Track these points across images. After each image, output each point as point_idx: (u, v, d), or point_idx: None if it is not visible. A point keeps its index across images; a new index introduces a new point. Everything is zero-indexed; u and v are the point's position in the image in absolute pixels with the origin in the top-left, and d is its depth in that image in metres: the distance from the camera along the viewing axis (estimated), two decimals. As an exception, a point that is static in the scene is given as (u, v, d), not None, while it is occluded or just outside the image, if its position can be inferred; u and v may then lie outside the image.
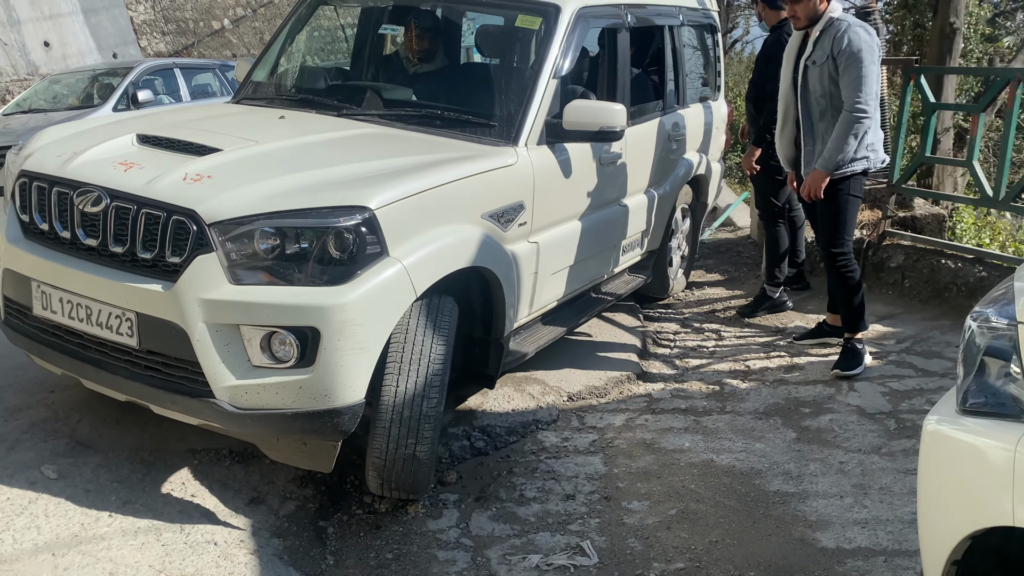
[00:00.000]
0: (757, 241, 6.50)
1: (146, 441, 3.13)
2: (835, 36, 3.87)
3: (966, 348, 1.84)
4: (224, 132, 3.16)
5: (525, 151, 3.42)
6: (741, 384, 4.20)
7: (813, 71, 3.99)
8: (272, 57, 4.21)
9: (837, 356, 4.26)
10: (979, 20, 11.67)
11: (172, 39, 13.54)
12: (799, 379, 4.22)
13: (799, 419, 3.78)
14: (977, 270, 5.00)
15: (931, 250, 5.33)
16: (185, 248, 2.60)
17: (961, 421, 1.76)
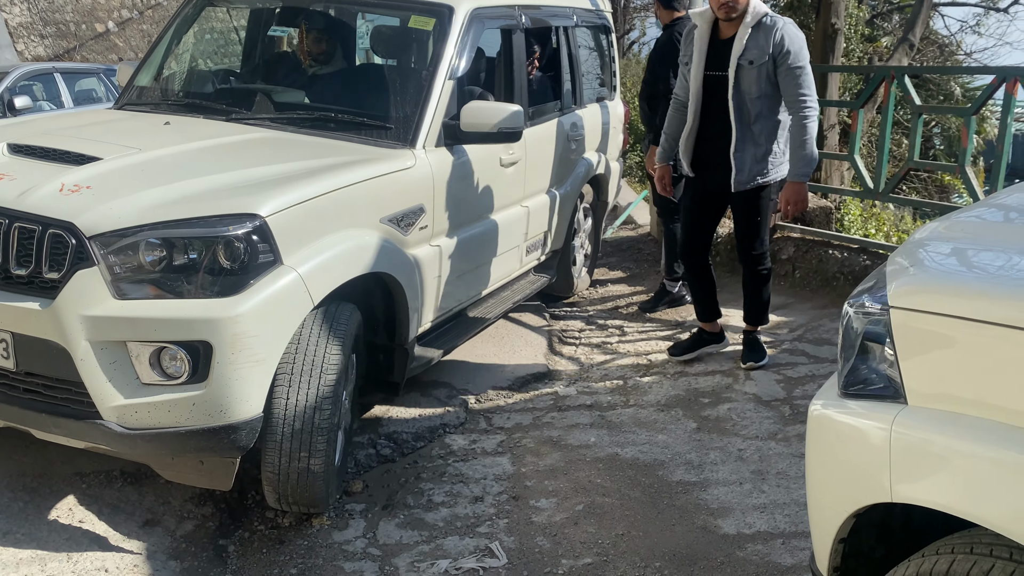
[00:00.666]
0: (657, 238, 6.61)
1: (28, 466, 2.96)
2: (773, 35, 3.68)
3: (844, 334, 1.90)
4: (104, 140, 3.02)
5: (423, 153, 3.39)
6: (643, 378, 4.28)
7: (749, 71, 3.73)
8: (157, 60, 4.05)
9: (737, 349, 4.39)
10: (859, 21, 12.26)
11: (52, 42, 12.86)
12: (699, 370, 4.33)
13: (699, 409, 3.88)
14: (862, 259, 5.23)
15: (819, 241, 5.55)
16: (64, 263, 2.46)
17: (842, 404, 1.82)
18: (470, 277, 3.94)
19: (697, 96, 3.89)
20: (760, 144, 3.82)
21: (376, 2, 3.93)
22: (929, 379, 1.63)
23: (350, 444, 3.30)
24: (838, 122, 7.94)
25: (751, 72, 3.72)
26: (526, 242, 4.52)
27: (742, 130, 3.81)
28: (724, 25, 3.79)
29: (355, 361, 3.11)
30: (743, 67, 3.73)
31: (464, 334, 3.98)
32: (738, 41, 3.72)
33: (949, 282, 1.74)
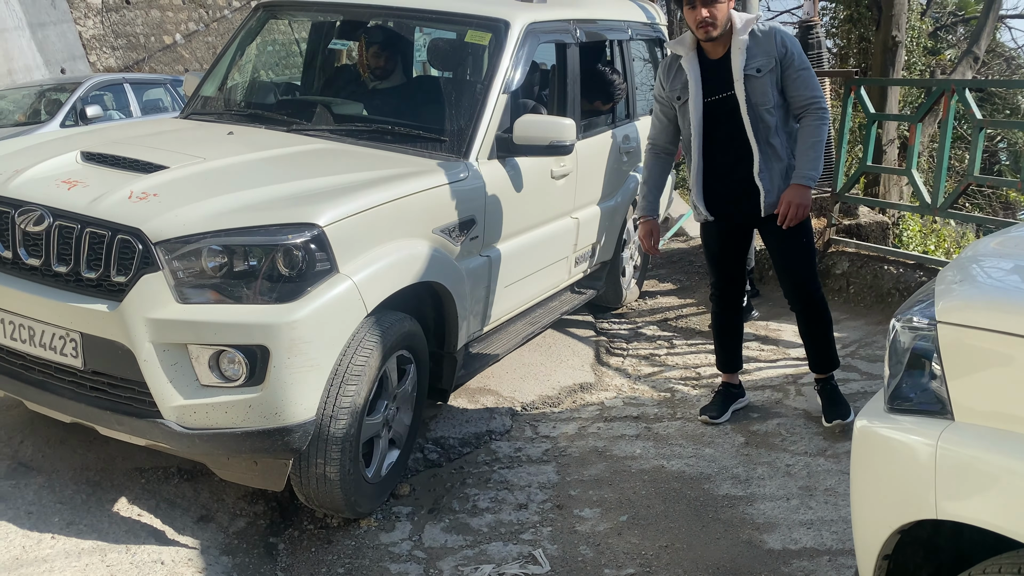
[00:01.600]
0: None
1: (91, 461, 3.09)
2: (774, 39, 3.45)
3: (891, 349, 1.90)
4: (171, 149, 3.14)
5: (476, 165, 3.45)
6: (692, 391, 4.26)
7: (759, 81, 3.44)
8: (221, 72, 4.19)
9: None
10: (921, 34, 12.01)
11: (123, 54, 13.35)
12: (747, 384, 4.27)
13: (747, 424, 3.85)
14: (918, 275, 5.15)
15: (874, 257, 5.46)
16: (131, 267, 2.58)
17: (888, 419, 1.82)
18: (519, 287, 3.98)
19: (699, 128, 3.54)
20: (782, 158, 3.53)
21: (434, 17, 4.00)
22: (977, 395, 1.63)
23: (410, 451, 3.33)
24: (897, 136, 7.80)
25: (761, 81, 3.44)
26: (575, 253, 4.54)
27: (763, 147, 3.50)
28: (710, 46, 3.50)
29: (414, 370, 3.17)
30: (752, 78, 3.44)
31: (512, 343, 4.02)
32: (738, 53, 3.44)
33: (999, 298, 1.73)
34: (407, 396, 3.19)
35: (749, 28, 3.46)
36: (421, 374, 3.24)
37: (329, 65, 4.53)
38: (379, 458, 3.07)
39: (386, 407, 3.04)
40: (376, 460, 3.05)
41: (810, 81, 3.49)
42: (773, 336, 5.02)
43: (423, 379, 3.27)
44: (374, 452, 3.05)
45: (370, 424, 2.94)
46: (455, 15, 3.84)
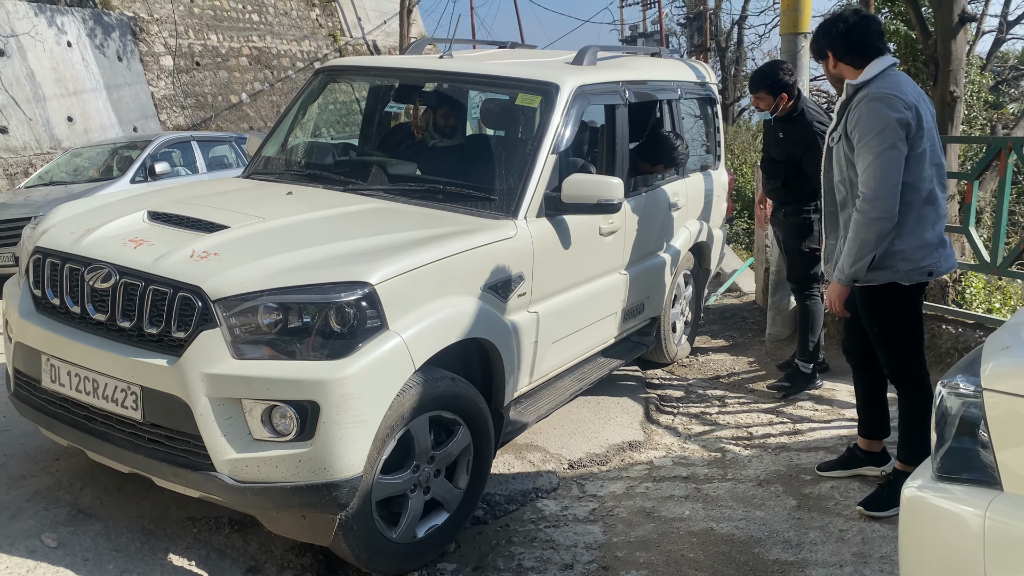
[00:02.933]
0: (761, 307, 6.49)
1: (146, 509, 3.17)
2: (852, 108, 3.19)
3: (938, 414, 1.87)
4: (232, 209, 3.27)
5: (524, 224, 3.51)
6: (743, 451, 4.19)
7: (835, 150, 3.30)
8: (282, 133, 4.37)
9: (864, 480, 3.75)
10: (982, 88, 11.83)
11: (191, 112, 13.99)
12: (801, 445, 4.21)
13: (800, 486, 3.76)
14: (978, 335, 4.99)
15: (933, 315, 5.31)
16: (190, 324, 2.68)
17: (936, 487, 1.78)
18: (566, 343, 3.99)
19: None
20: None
21: (488, 81, 4.12)
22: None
23: (464, 515, 3.29)
24: (957, 191, 7.64)
25: (836, 151, 3.34)
26: (624, 309, 4.55)
27: (832, 218, 3.43)
28: None
29: (465, 432, 3.15)
30: (832, 146, 3.37)
31: (560, 400, 4.02)
32: (834, 116, 3.41)
33: None
34: (449, 457, 3.14)
35: (850, 91, 3.24)
36: (477, 436, 3.20)
37: (384, 126, 4.68)
38: (408, 519, 3.01)
39: (416, 468, 2.99)
40: (405, 520, 3.00)
41: (867, 171, 3.11)
42: (828, 396, 4.91)
43: (481, 441, 3.22)
44: (403, 512, 3.01)
45: (386, 483, 2.88)
46: (508, 79, 3.95)
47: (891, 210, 3.07)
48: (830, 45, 3.26)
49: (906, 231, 3.13)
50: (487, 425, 3.23)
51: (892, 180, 3.05)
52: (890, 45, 10.98)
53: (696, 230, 5.31)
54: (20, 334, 3.07)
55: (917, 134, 3.11)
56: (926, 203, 3.16)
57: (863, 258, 3.14)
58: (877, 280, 3.21)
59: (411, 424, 2.91)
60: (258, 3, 16.42)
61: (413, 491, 3.02)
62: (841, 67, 3.26)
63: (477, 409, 3.17)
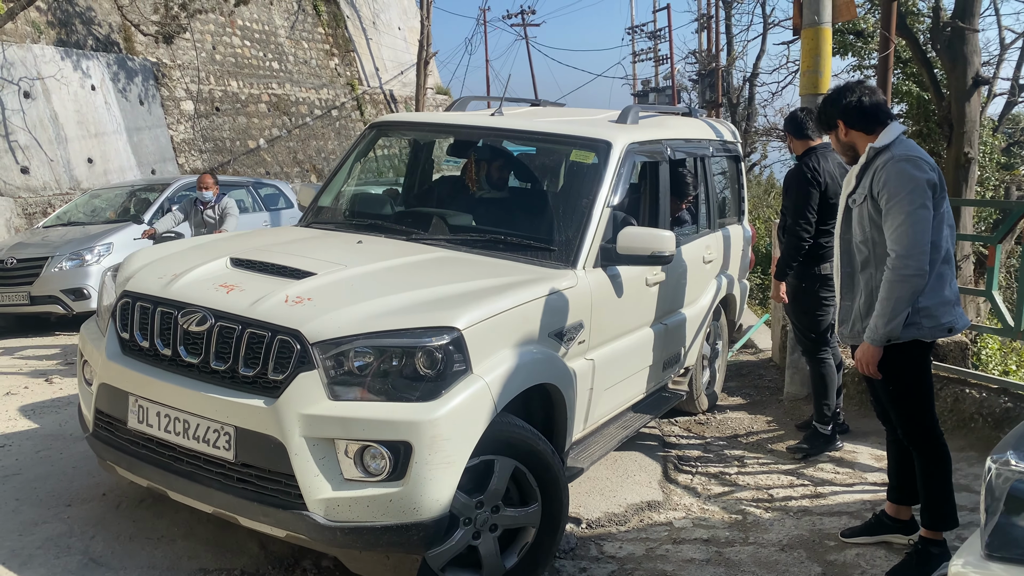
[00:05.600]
0: (779, 364, 6.51)
1: (158, 559, 3.16)
2: (876, 170, 3.25)
3: (987, 490, 1.81)
4: (312, 256, 3.39)
5: (584, 274, 3.65)
6: (764, 514, 4.11)
7: (855, 212, 3.36)
8: (338, 184, 4.52)
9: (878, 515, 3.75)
10: (994, 149, 12.05)
11: (209, 156, 14.18)
12: (823, 509, 4.13)
13: (824, 552, 3.65)
14: (1003, 400, 4.92)
15: (955, 379, 5.25)
16: (288, 366, 2.78)
17: (986, 567, 1.73)
18: (616, 390, 4.11)
19: (837, 237, 3.58)
20: (867, 296, 3.39)
21: (544, 138, 4.30)
22: None
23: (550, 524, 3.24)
24: (972, 252, 7.80)
25: (856, 212, 3.39)
26: (664, 359, 4.68)
27: (849, 278, 3.48)
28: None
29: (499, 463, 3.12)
30: (851, 207, 3.41)
31: (608, 446, 4.11)
32: (852, 177, 3.43)
33: None
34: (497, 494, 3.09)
35: (871, 153, 3.32)
36: (544, 486, 3.19)
37: (440, 178, 4.84)
38: (489, 562, 3.05)
39: (467, 521, 3.00)
40: (487, 564, 3.05)
41: (898, 230, 3.15)
42: (849, 458, 4.84)
43: (547, 494, 3.20)
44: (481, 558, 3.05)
45: (441, 550, 2.93)
46: (564, 137, 4.13)
47: (924, 267, 3.13)
48: (841, 115, 3.36)
49: (928, 289, 3.19)
50: (527, 440, 3.16)
51: (924, 238, 3.13)
52: (903, 106, 11.27)
53: (726, 283, 5.47)
54: (106, 375, 3.15)
55: (940, 195, 3.22)
56: (944, 262, 3.25)
57: (898, 316, 3.17)
58: (902, 338, 3.24)
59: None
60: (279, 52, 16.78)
61: (477, 538, 3.06)
62: (853, 135, 3.37)
63: (509, 434, 3.12)
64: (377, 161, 4.75)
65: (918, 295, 3.17)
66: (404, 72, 20.95)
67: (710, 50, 22.76)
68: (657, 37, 30.82)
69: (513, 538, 3.20)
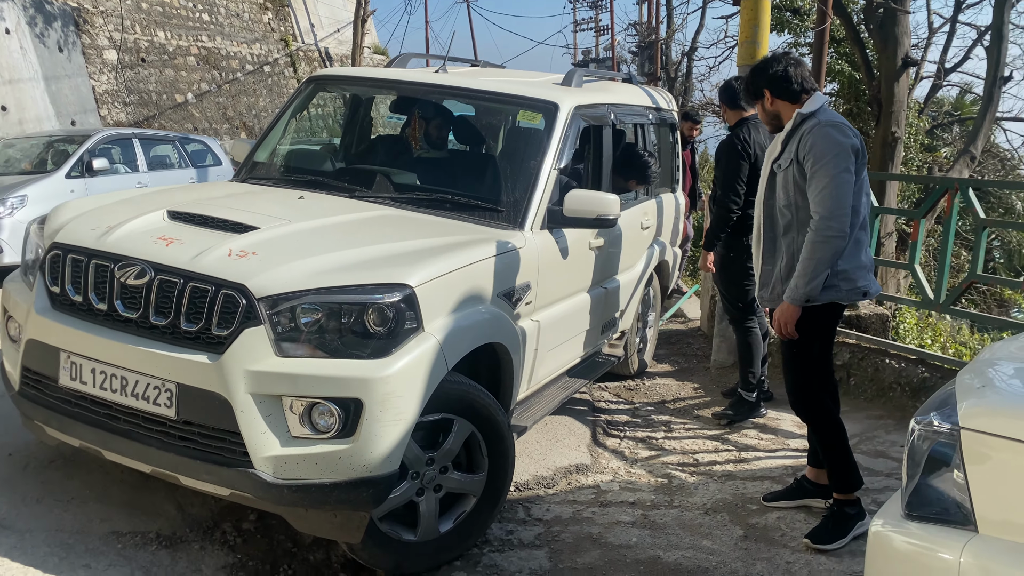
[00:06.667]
0: (707, 333, 6.63)
1: (67, 522, 3.03)
2: (802, 135, 3.31)
3: (910, 452, 1.82)
4: (253, 211, 3.29)
5: (531, 235, 3.65)
6: (689, 478, 4.17)
7: (779, 177, 3.41)
8: (273, 140, 4.38)
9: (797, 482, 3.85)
10: (919, 131, 12.43)
11: (134, 110, 13.54)
12: (746, 474, 4.21)
13: (746, 516, 3.71)
14: (920, 371, 5.12)
15: (875, 349, 5.42)
16: (233, 321, 2.70)
17: (905, 526, 1.73)
18: (559, 351, 4.15)
19: (759, 203, 3.62)
20: (789, 261, 3.43)
21: (490, 97, 4.25)
22: (1003, 507, 1.56)
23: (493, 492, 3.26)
24: (895, 230, 8.08)
25: (780, 177, 3.43)
26: (603, 322, 4.74)
27: (771, 242, 3.52)
28: None
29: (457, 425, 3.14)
30: (775, 172, 3.45)
31: (549, 407, 4.16)
32: (778, 143, 3.48)
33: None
34: (450, 454, 3.11)
35: (798, 118, 3.36)
36: (481, 424, 3.17)
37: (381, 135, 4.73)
38: (425, 521, 3.06)
39: (415, 475, 3.00)
40: (423, 523, 3.06)
41: (822, 193, 3.21)
42: (772, 425, 4.95)
43: (487, 427, 3.19)
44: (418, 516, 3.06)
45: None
46: (511, 97, 4.10)
47: (846, 229, 3.21)
48: (767, 84, 3.41)
49: (847, 253, 3.28)
50: (489, 408, 3.18)
51: (847, 201, 3.21)
52: (834, 85, 11.54)
53: (660, 249, 5.55)
54: (35, 331, 3.00)
55: (861, 162, 3.32)
56: (861, 228, 3.34)
57: (818, 276, 3.23)
58: (820, 300, 3.32)
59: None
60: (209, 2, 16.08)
61: (420, 495, 3.06)
62: (778, 104, 3.42)
63: (472, 399, 3.14)
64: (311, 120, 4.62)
65: (838, 257, 3.24)
66: (340, 30, 20.35)
67: (650, 22, 22.87)
68: (599, 7, 30.80)
69: (452, 504, 3.21)
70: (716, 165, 4.94)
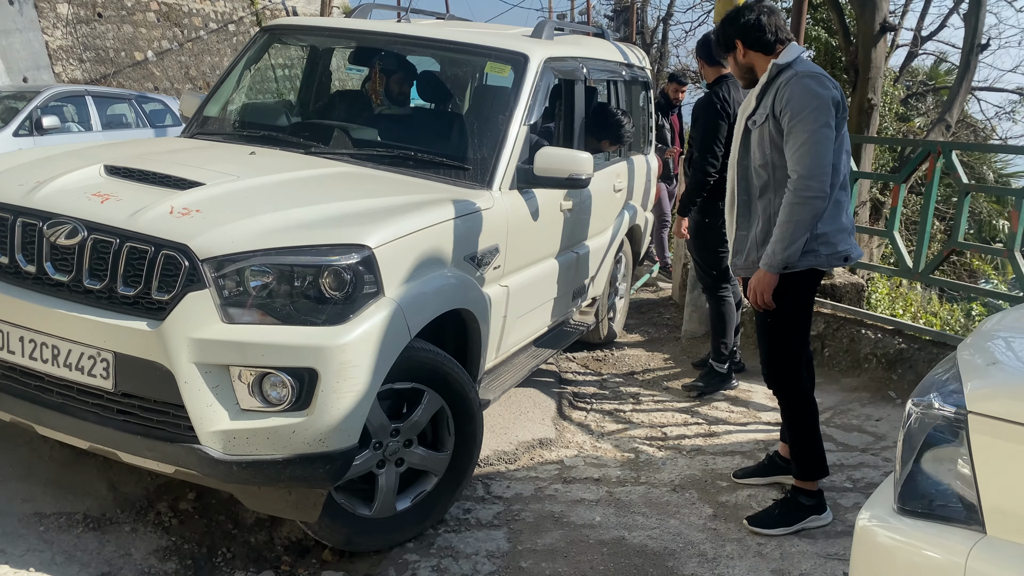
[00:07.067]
0: (678, 303, 6.48)
1: None
2: (779, 88, 3.04)
3: (906, 437, 1.59)
4: (199, 166, 3.05)
5: (500, 195, 3.45)
6: (657, 452, 4.00)
7: (754, 134, 3.15)
8: (225, 93, 4.11)
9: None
10: (894, 100, 12.25)
11: (90, 67, 12.92)
12: (716, 449, 4.03)
13: (716, 494, 3.55)
14: (897, 342, 4.96)
15: (850, 319, 5.25)
16: (175, 285, 2.47)
17: (898, 522, 1.51)
18: (529, 318, 3.98)
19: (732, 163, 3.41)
20: (766, 225, 3.22)
21: (456, 48, 4.01)
22: (1017, 505, 1.36)
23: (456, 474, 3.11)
24: (869, 198, 7.97)
25: (756, 134, 3.18)
26: (576, 287, 4.57)
27: (746, 205, 3.30)
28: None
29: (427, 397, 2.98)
30: (750, 129, 3.21)
31: (518, 376, 3.99)
32: (753, 97, 3.24)
33: None
34: (417, 426, 2.94)
35: (774, 70, 3.12)
36: (452, 398, 3.01)
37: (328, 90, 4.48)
38: (382, 496, 2.89)
39: (378, 445, 2.83)
40: (379, 497, 2.89)
41: (800, 150, 2.97)
42: (744, 397, 4.77)
43: (459, 402, 3.03)
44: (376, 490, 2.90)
45: None
46: (478, 48, 3.86)
47: (826, 189, 2.96)
48: (739, 34, 3.19)
49: (827, 215, 3.04)
50: (462, 384, 3.03)
51: (827, 159, 2.96)
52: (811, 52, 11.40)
53: (632, 213, 5.39)
54: (-44, 295, 2.75)
55: (841, 116, 3.05)
56: (841, 188, 3.10)
57: (797, 240, 2.99)
58: (799, 266, 3.07)
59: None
60: (171, -45, 15.39)
61: (380, 467, 2.89)
62: (751, 55, 3.19)
63: (447, 371, 2.98)
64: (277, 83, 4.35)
65: (818, 219, 3.01)
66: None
67: (626, -14, 22.45)
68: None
69: (412, 481, 3.03)
70: (692, 125, 4.70)
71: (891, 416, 4.46)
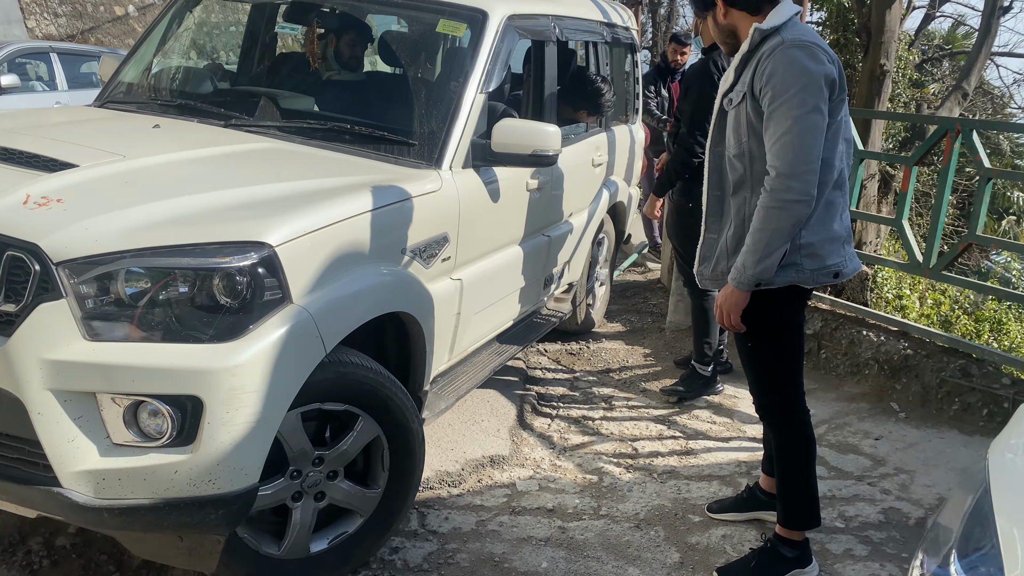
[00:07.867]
0: (666, 287, 5.99)
1: None
2: (760, 59, 2.44)
3: (977, 501, 1.28)
4: (82, 143, 2.56)
5: (450, 175, 2.97)
6: (624, 475, 3.53)
7: (731, 115, 2.56)
8: (147, 54, 3.60)
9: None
10: (908, 65, 11.47)
11: (66, 22, 12.18)
12: (692, 471, 3.58)
13: (685, 532, 3.10)
14: (902, 346, 4.47)
15: (852, 317, 4.78)
16: (23, 294, 2.01)
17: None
18: (489, 313, 3.53)
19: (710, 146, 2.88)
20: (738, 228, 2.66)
21: (402, 3, 3.49)
22: None
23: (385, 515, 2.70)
24: (878, 171, 7.42)
25: (731, 116, 2.60)
26: (546, 274, 4.11)
27: (717, 202, 2.75)
28: None
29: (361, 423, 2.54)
30: (726, 109, 2.63)
31: (478, 377, 3.54)
32: (731, 71, 2.65)
33: None
34: (345, 457, 2.52)
35: (756, 37, 2.49)
36: (392, 427, 2.58)
37: (273, 52, 3.98)
38: (294, 533, 2.46)
39: (295, 474, 2.41)
40: (291, 535, 2.45)
41: (781, 139, 2.37)
42: (728, 404, 4.26)
43: (397, 432, 2.60)
44: (287, 526, 2.46)
45: None
46: (428, 3, 3.35)
47: (812, 191, 2.36)
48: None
49: (813, 220, 2.45)
50: (404, 410, 2.61)
51: (814, 152, 2.35)
52: (822, 14, 10.76)
53: (614, 190, 4.91)
54: None
55: (839, 97, 2.44)
56: (836, 187, 2.48)
57: (772, 253, 2.41)
58: (775, 283, 2.49)
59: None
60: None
61: (297, 500, 2.44)
62: (734, 15, 2.55)
63: (387, 394, 2.55)
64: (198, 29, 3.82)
65: (800, 227, 2.42)
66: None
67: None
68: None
69: (333, 520, 2.59)
70: (683, 96, 4.08)
71: (892, 434, 4.00)
